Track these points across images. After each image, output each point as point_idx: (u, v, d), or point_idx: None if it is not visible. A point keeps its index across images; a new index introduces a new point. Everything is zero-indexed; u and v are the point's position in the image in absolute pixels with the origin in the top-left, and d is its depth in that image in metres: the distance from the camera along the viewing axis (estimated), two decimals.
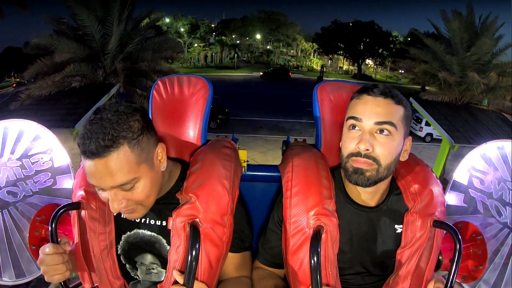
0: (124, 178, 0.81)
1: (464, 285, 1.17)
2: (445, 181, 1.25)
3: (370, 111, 0.91)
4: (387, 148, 0.90)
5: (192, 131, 1.17)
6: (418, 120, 15.73)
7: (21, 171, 1.28)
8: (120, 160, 0.79)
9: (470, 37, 9.64)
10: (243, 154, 1.20)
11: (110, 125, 0.79)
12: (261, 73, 35.40)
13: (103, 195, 0.86)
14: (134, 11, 9.76)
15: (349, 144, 0.94)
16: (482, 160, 1.22)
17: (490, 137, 8.12)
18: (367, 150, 0.90)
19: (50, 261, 0.89)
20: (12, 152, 1.29)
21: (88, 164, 0.80)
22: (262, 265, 1.12)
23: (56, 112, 7.58)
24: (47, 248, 0.89)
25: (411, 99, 8.70)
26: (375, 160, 0.91)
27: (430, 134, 15.59)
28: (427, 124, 15.53)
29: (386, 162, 0.91)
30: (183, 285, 0.86)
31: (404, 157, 0.98)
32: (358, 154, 0.92)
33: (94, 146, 0.77)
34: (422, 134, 15.77)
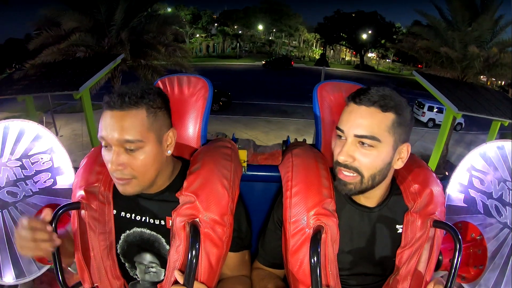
0: (132, 136, 0.86)
1: (464, 285, 1.17)
2: (448, 164, 1.25)
3: (352, 123, 0.90)
4: (370, 160, 0.90)
5: (192, 131, 1.17)
6: (421, 106, 15.81)
7: (21, 171, 1.28)
8: (135, 119, 0.87)
9: (471, 15, 9.82)
10: (243, 154, 1.20)
11: (139, 89, 0.89)
12: (263, 62, 35.26)
13: (106, 157, 0.89)
14: None
15: (335, 152, 0.95)
16: (482, 159, 1.22)
17: (493, 109, 8.04)
18: (346, 161, 0.90)
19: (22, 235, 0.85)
20: (12, 152, 1.28)
21: (106, 114, 0.87)
22: (262, 265, 1.13)
23: (60, 79, 7.74)
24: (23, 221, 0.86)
25: (413, 72, 8.66)
26: (356, 170, 0.91)
27: (433, 120, 15.68)
28: (430, 109, 15.60)
29: (369, 173, 0.91)
30: (183, 285, 0.86)
31: (398, 165, 0.95)
32: (339, 163, 0.92)
33: (119, 99, 0.86)
34: (424, 119, 15.86)
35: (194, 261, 0.86)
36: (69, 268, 1.19)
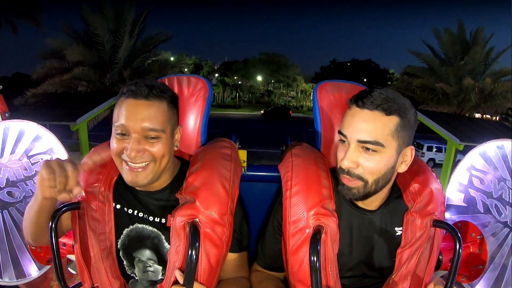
0: (155, 125, 0.90)
1: (464, 285, 1.17)
2: None
3: (355, 127, 0.88)
4: (373, 164, 0.88)
5: (191, 131, 1.17)
6: (420, 146, 15.49)
7: (21, 172, 1.28)
8: (158, 110, 0.92)
9: (463, 49, 10.27)
10: (243, 154, 1.20)
11: (161, 84, 0.96)
12: (262, 112, 35.58)
13: (120, 145, 0.90)
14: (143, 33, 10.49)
15: (339, 157, 0.93)
16: (482, 159, 1.22)
17: (493, 137, 8.10)
18: (350, 167, 0.89)
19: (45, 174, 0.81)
20: (13, 153, 1.29)
21: (129, 102, 0.90)
22: (260, 268, 1.12)
23: (59, 110, 7.88)
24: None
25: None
26: (359, 177, 0.90)
27: (433, 159, 15.28)
28: (429, 149, 15.41)
29: (373, 178, 0.90)
30: (183, 285, 0.86)
31: (402, 169, 0.94)
32: (343, 170, 0.91)
33: (146, 89, 0.91)
34: (424, 159, 15.44)
35: (194, 260, 0.85)
36: (69, 268, 1.19)
